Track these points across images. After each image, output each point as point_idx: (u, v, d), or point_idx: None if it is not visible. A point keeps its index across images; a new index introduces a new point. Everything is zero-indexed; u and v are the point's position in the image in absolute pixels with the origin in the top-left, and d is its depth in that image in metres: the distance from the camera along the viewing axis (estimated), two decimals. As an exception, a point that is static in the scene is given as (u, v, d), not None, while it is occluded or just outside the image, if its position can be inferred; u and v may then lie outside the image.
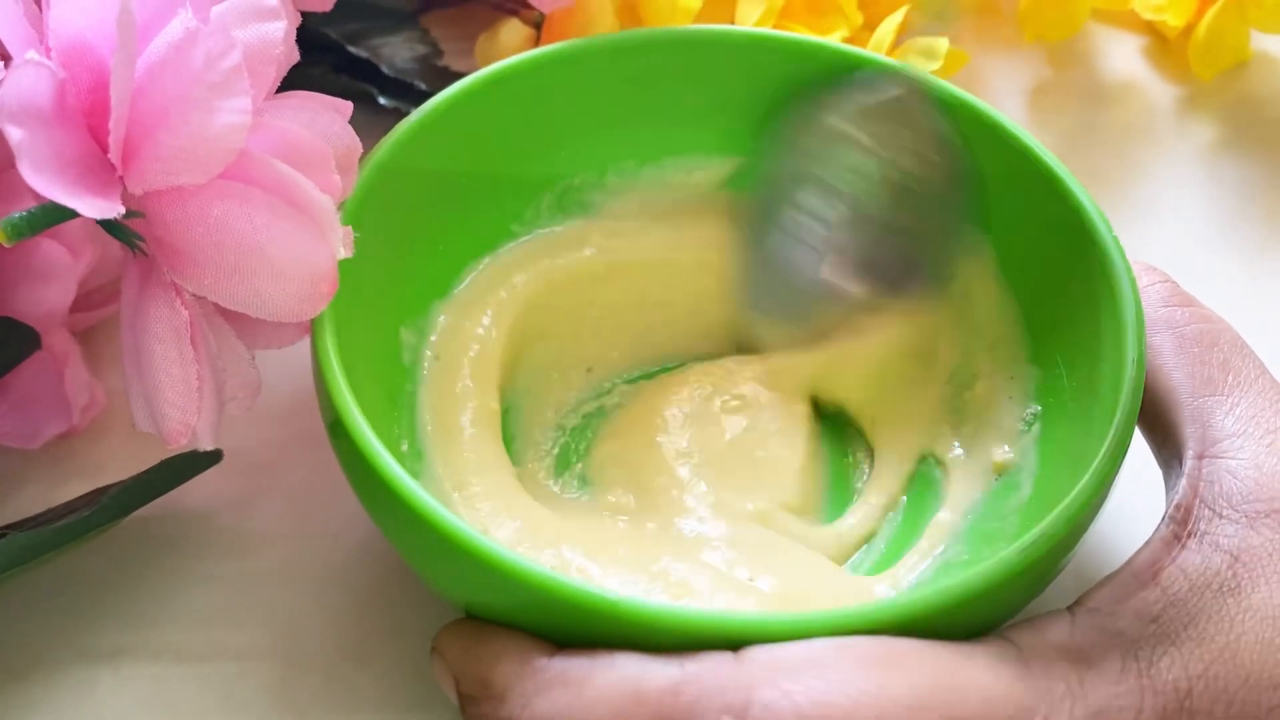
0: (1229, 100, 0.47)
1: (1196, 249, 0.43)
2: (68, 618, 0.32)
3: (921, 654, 0.24)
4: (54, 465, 0.35)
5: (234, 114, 0.25)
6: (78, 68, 0.26)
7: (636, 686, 0.24)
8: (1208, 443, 0.28)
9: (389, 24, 0.45)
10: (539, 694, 0.24)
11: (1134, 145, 0.46)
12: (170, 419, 0.28)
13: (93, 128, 0.26)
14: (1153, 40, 0.49)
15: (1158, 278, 0.32)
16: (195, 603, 0.32)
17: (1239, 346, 0.30)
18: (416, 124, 0.33)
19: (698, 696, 0.24)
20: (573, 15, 0.42)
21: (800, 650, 0.24)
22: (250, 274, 0.27)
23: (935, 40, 0.42)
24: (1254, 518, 0.27)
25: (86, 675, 0.31)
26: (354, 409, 0.27)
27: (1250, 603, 0.25)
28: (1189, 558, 0.26)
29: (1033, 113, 0.47)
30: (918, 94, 0.33)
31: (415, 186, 0.33)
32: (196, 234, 0.26)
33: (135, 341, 0.28)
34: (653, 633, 0.24)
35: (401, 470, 0.26)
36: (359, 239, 0.28)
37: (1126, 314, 0.29)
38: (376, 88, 0.42)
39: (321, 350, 0.28)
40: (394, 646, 0.32)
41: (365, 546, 0.33)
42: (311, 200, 0.26)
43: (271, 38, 0.27)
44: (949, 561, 0.31)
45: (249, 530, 0.34)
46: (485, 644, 0.26)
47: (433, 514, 0.25)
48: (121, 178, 0.26)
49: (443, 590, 0.28)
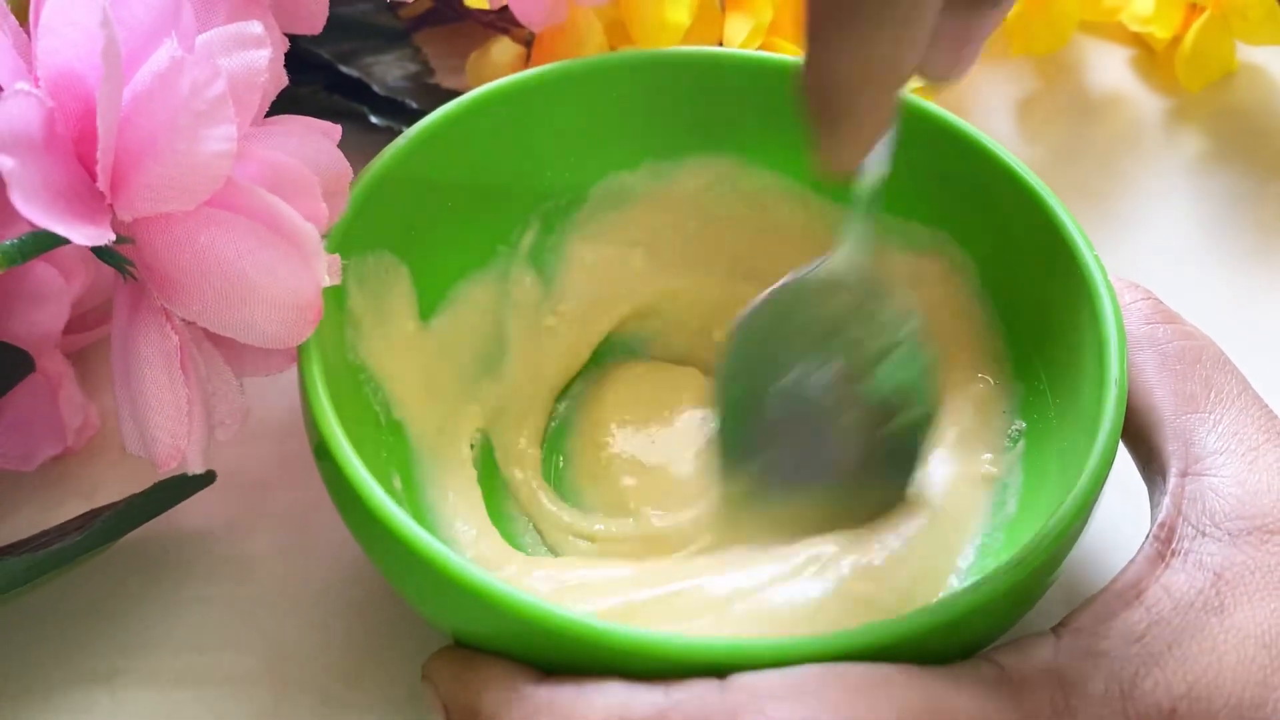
0: (1216, 111, 0.48)
1: (1184, 259, 0.43)
2: (63, 640, 0.32)
3: (907, 679, 0.24)
4: (49, 487, 0.35)
5: (220, 142, 0.26)
6: (66, 97, 0.26)
7: (622, 714, 0.24)
8: (1190, 460, 0.28)
9: (380, 43, 0.45)
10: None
11: (1122, 156, 0.46)
12: (160, 442, 0.28)
13: (81, 156, 0.27)
14: (1140, 52, 0.50)
15: (1140, 295, 0.32)
16: (190, 625, 0.33)
17: (1221, 363, 0.30)
18: (408, 143, 0.33)
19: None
20: (563, 34, 0.42)
21: (785, 677, 0.24)
22: (237, 300, 0.27)
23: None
24: (1237, 535, 0.27)
25: (83, 698, 0.31)
26: (339, 434, 0.27)
27: (1233, 621, 0.25)
28: (1173, 577, 0.26)
29: (1021, 125, 0.47)
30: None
31: (405, 205, 0.33)
32: (184, 260, 0.27)
33: (126, 365, 0.28)
34: (638, 660, 0.24)
35: (386, 496, 0.26)
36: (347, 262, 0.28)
37: (1108, 333, 0.29)
38: (368, 106, 0.43)
39: (308, 376, 0.28)
40: (386, 668, 0.32)
41: (358, 568, 0.33)
42: (296, 228, 0.26)
43: (256, 65, 0.27)
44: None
45: (242, 553, 0.34)
46: (473, 671, 0.26)
47: (418, 541, 0.26)
48: (110, 205, 0.26)
49: (430, 617, 0.28)
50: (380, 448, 0.31)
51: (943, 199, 0.35)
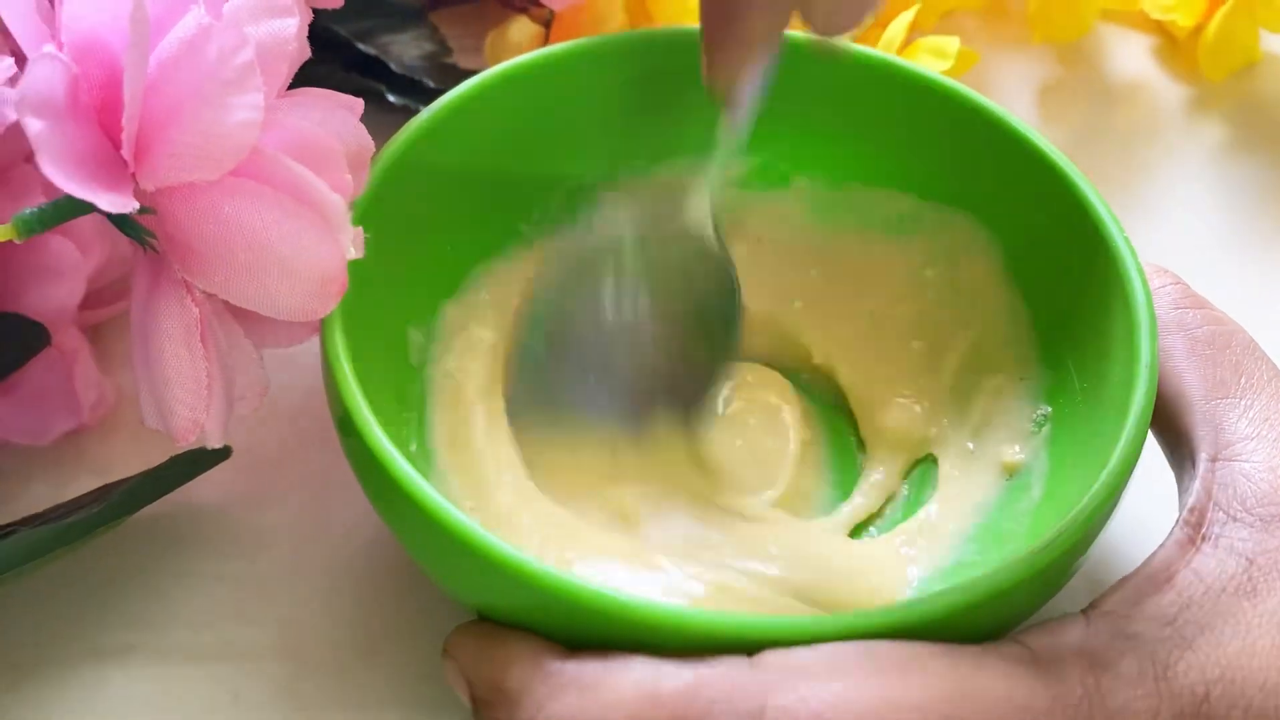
0: (1238, 101, 0.47)
1: (1206, 249, 0.43)
2: (77, 615, 0.32)
3: (937, 658, 0.24)
4: (63, 462, 0.35)
5: (246, 110, 0.25)
6: (90, 63, 0.26)
7: (651, 690, 0.24)
8: (1221, 445, 0.28)
9: (398, 21, 0.45)
10: (553, 698, 0.24)
11: (1143, 145, 0.46)
12: (179, 416, 0.28)
13: (105, 124, 0.26)
14: (1162, 40, 0.49)
15: (1169, 279, 0.32)
16: (204, 601, 0.32)
17: (1251, 349, 0.30)
18: (426, 122, 0.33)
19: (713, 700, 0.23)
20: (582, 13, 0.42)
21: (815, 655, 0.24)
22: (260, 272, 0.26)
23: (946, 40, 0.42)
24: (1268, 520, 0.27)
25: (96, 673, 0.31)
26: (364, 407, 0.27)
27: (1266, 606, 0.25)
28: (1204, 561, 0.26)
29: (1042, 112, 0.47)
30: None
31: (424, 185, 0.33)
32: (207, 231, 0.26)
33: (145, 338, 0.28)
34: (667, 636, 0.24)
35: (412, 469, 0.26)
36: (369, 238, 0.28)
37: (1139, 316, 0.29)
38: (385, 85, 0.42)
39: (331, 349, 0.28)
40: (403, 645, 0.32)
41: (374, 544, 0.33)
42: (323, 199, 0.26)
43: (284, 34, 0.27)
44: (961, 563, 0.31)
45: (258, 528, 0.34)
46: (498, 647, 0.26)
47: (444, 513, 0.25)
48: (134, 174, 0.26)
49: (453, 592, 0.28)
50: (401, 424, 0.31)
51: (967, 180, 0.34)
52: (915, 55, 0.42)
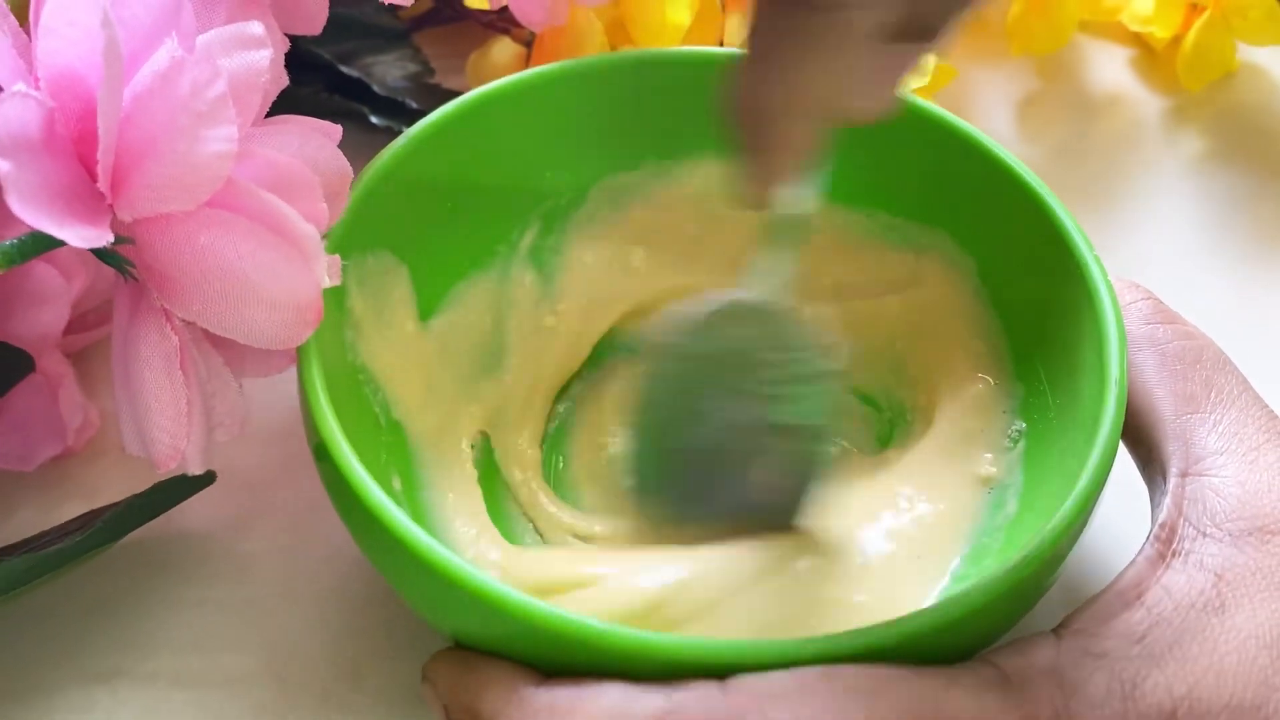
0: (1216, 111, 0.48)
1: (1184, 259, 0.43)
2: (64, 640, 0.32)
3: (908, 681, 0.24)
4: (49, 487, 0.35)
5: (220, 142, 0.26)
6: (66, 97, 0.26)
7: (624, 716, 0.24)
8: (1191, 461, 0.28)
9: (380, 43, 0.45)
10: None
11: (1122, 156, 0.46)
12: (160, 443, 0.28)
13: (82, 156, 0.27)
14: (1140, 52, 0.50)
15: (1140, 295, 0.32)
16: (190, 625, 0.33)
17: (1222, 363, 0.30)
18: (408, 143, 0.33)
19: None
20: (563, 34, 0.42)
21: (786, 679, 0.24)
22: (237, 301, 0.27)
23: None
24: (1238, 536, 0.27)
25: (83, 698, 0.31)
26: (339, 436, 0.27)
27: (1234, 622, 0.25)
28: (1173, 577, 0.26)
29: (1021, 125, 0.47)
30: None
31: (405, 205, 0.33)
32: (184, 260, 0.27)
33: (126, 366, 0.28)
34: (639, 662, 0.24)
35: (386, 498, 0.26)
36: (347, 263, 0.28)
37: (1108, 333, 0.29)
38: (368, 107, 0.42)
39: (307, 377, 0.28)
40: (388, 667, 0.32)
41: (358, 568, 0.33)
42: (296, 230, 0.26)
43: (257, 66, 0.27)
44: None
45: (243, 553, 0.34)
46: (473, 673, 0.26)
47: (417, 542, 0.26)
48: (111, 205, 0.26)
49: (430, 619, 0.28)
50: (380, 449, 0.31)
51: (942, 198, 0.35)
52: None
